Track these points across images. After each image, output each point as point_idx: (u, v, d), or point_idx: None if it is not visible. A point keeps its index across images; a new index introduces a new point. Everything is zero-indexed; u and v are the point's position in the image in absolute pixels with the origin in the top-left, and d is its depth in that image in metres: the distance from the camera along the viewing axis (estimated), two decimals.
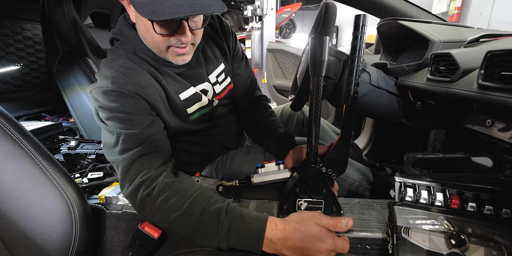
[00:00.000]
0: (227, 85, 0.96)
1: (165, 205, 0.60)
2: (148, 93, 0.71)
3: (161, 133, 0.72)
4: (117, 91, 0.67)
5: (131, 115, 0.67)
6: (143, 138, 0.67)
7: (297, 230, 0.56)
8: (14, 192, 0.51)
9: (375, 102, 0.90)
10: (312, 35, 0.65)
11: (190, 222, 0.59)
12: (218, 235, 0.58)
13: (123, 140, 0.65)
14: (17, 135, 0.54)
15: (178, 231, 0.61)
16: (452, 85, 0.62)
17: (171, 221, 0.60)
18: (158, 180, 0.63)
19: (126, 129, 0.66)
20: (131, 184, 0.63)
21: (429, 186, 0.59)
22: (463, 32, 0.84)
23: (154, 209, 0.61)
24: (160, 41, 0.68)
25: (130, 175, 0.63)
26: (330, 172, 0.68)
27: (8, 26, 1.28)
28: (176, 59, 0.74)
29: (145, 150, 0.66)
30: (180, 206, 0.60)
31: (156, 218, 0.62)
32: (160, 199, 0.61)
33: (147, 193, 0.61)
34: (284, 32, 8.95)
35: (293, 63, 2.30)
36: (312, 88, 0.59)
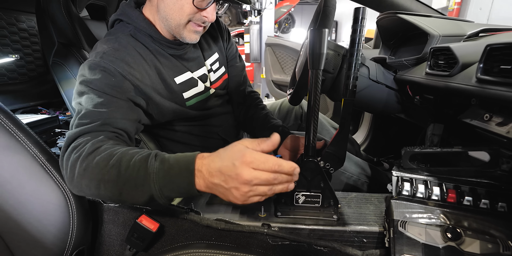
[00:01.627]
0: (222, 74, 0.98)
1: (93, 163, 0.52)
2: (134, 74, 0.71)
3: (124, 120, 0.66)
4: (103, 67, 0.67)
5: (103, 94, 0.65)
6: (100, 117, 0.62)
7: (219, 152, 0.50)
8: (10, 184, 0.50)
9: (373, 97, 0.90)
10: (311, 28, 0.64)
11: (119, 173, 0.51)
12: (148, 178, 0.50)
13: (81, 115, 0.62)
14: (13, 128, 0.54)
15: (107, 191, 0.52)
16: (451, 79, 0.62)
17: (99, 180, 0.51)
18: (90, 142, 0.56)
19: (91, 107, 0.63)
20: (65, 150, 0.56)
21: (426, 180, 0.60)
22: (462, 26, 0.83)
23: (81, 171, 0.52)
24: (187, 12, 0.71)
25: (67, 144, 0.57)
26: (328, 166, 0.68)
27: (2, 18, 1.25)
28: (190, 36, 0.76)
29: (95, 128, 0.60)
30: (109, 161, 0.52)
31: (84, 182, 0.53)
32: (89, 158, 0.53)
33: (78, 156, 0.54)
34: (283, 26, 8.88)
35: (292, 58, 2.29)
36: (310, 81, 0.59)
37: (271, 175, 0.48)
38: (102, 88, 0.66)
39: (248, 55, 4.89)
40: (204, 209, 0.68)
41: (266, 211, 0.67)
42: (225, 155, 0.48)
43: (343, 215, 0.65)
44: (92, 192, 0.53)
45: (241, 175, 0.46)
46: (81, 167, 0.52)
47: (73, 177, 0.53)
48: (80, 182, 0.53)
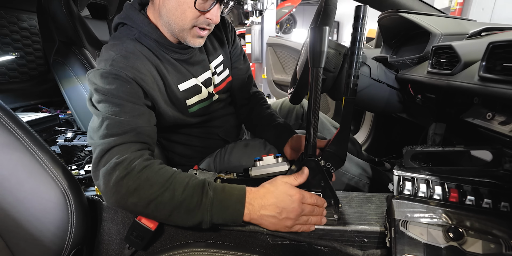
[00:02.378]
0: (226, 77, 0.96)
1: (146, 183, 0.56)
2: (145, 79, 0.70)
3: (149, 127, 0.69)
4: (115, 74, 0.66)
5: (123, 101, 0.65)
6: (128, 127, 0.63)
7: (269, 190, 0.60)
8: (9, 182, 0.50)
9: (375, 96, 0.89)
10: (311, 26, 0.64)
11: (173, 197, 0.56)
12: (202, 206, 0.56)
13: (107, 125, 0.62)
14: (12, 126, 0.54)
15: (156, 211, 0.56)
16: (453, 77, 0.62)
17: (151, 200, 0.55)
18: (138, 161, 0.58)
19: (114, 115, 0.63)
20: (105, 166, 0.57)
21: (428, 180, 0.59)
22: (465, 25, 0.82)
23: (132, 189, 0.55)
24: (190, 17, 0.70)
25: (106, 158, 0.59)
26: (328, 165, 0.67)
27: (3, 16, 1.26)
28: (194, 41, 0.75)
29: (127, 138, 0.62)
30: (163, 183, 0.57)
31: (132, 200, 0.55)
32: (140, 178, 0.56)
33: (126, 173, 0.56)
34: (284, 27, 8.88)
35: (293, 58, 2.28)
36: (311, 79, 0.58)
37: (312, 207, 0.60)
38: (120, 96, 0.65)
39: (249, 56, 4.90)
40: None
41: None
42: (278, 192, 0.59)
43: (344, 214, 0.64)
44: (138, 209, 0.57)
45: (296, 208, 0.58)
46: (132, 186, 0.55)
47: (119, 193, 0.55)
48: (127, 199, 0.55)
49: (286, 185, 0.60)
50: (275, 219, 0.58)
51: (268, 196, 0.59)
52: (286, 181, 0.60)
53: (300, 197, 0.59)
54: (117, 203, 0.57)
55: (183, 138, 0.94)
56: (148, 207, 0.56)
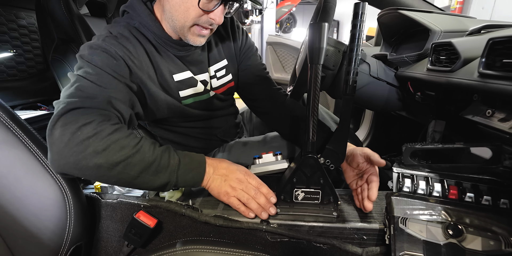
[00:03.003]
0: (227, 82, 0.93)
1: (116, 145, 0.54)
2: (134, 61, 0.70)
3: (123, 104, 0.64)
4: (104, 48, 0.66)
5: (103, 72, 0.63)
6: (101, 94, 0.59)
7: (225, 160, 0.68)
8: (7, 179, 0.50)
9: (374, 94, 0.89)
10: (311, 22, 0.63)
11: (143, 158, 0.56)
12: (170, 167, 0.59)
13: (78, 85, 0.58)
14: (10, 123, 0.53)
15: (123, 173, 0.54)
16: (452, 74, 0.61)
17: (120, 161, 0.53)
18: (107, 124, 0.55)
19: (89, 79, 0.60)
20: (67, 125, 0.52)
21: (427, 177, 0.59)
22: (464, 22, 0.82)
23: (99, 150, 0.52)
24: (192, 15, 0.69)
25: (69, 116, 0.53)
26: (328, 162, 0.67)
27: (2, 14, 1.25)
28: (194, 39, 0.74)
29: (97, 104, 0.57)
30: (134, 146, 0.56)
31: (97, 161, 0.52)
32: (111, 139, 0.53)
33: (94, 133, 0.52)
34: (284, 26, 8.87)
35: (293, 56, 2.28)
36: (310, 76, 0.58)
37: (254, 190, 0.63)
38: (103, 67, 0.63)
39: None
40: (202, 205, 0.67)
41: None
42: (230, 164, 0.67)
43: (343, 212, 0.64)
44: (101, 172, 0.53)
45: (239, 179, 0.64)
46: (101, 146, 0.52)
47: (81, 153, 0.51)
48: (90, 160, 0.51)
49: (240, 167, 0.67)
50: (220, 182, 0.64)
51: (223, 163, 0.66)
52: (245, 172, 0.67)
53: (247, 173, 0.66)
54: (75, 165, 0.51)
55: (180, 138, 0.94)
56: (114, 169, 0.53)
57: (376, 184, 0.64)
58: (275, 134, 0.99)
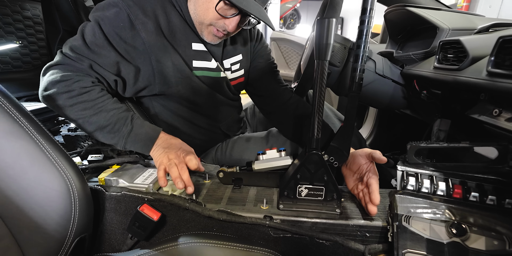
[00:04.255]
0: (239, 76, 0.95)
1: (80, 105, 0.70)
2: (147, 25, 0.74)
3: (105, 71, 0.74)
4: (119, 8, 0.72)
5: (104, 38, 0.72)
6: (91, 59, 0.72)
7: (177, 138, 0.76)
8: (13, 170, 0.50)
9: (379, 91, 0.89)
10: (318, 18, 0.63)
11: (99, 120, 0.70)
12: (120, 133, 0.72)
13: (76, 45, 0.71)
14: (16, 113, 0.53)
15: (83, 126, 0.72)
16: (460, 73, 0.61)
17: (78, 118, 0.70)
18: (79, 84, 0.70)
19: (87, 42, 0.71)
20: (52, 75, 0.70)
21: (432, 175, 0.59)
22: (473, 20, 0.81)
23: (67, 105, 0.69)
24: (210, 16, 0.74)
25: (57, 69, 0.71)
26: (332, 159, 0.67)
27: (7, 5, 1.25)
28: (208, 37, 0.80)
29: (81, 66, 0.72)
30: (94, 109, 0.70)
31: (64, 112, 0.70)
32: (78, 99, 0.69)
33: (66, 90, 0.69)
34: (288, 22, 8.81)
35: (297, 53, 2.27)
36: (316, 73, 0.57)
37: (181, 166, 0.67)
38: (107, 31, 0.72)
39: None
40: (206, 199, 0.67)
41: (268, 203, 0.66)
42: (180, 141, 0.76)
43: (346, 209, 0.64)
44: (66, 117, 0.73)
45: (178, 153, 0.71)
46: (68, 102, 0.69)
47: (55, 100, 0.69)
48: (59, 108, 0.70)
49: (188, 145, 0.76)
50: (161, 152, 0.71)
51: (170, 142, 0.74)
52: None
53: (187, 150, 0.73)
54: (49, 104, 0.71)
55: (185, 126, 0.93)
56: (76, 122, 0.71)
57: (376, 186, 0.62)
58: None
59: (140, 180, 0.71)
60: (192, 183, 0.66)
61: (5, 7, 1.24)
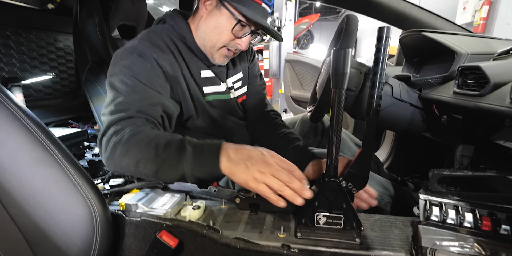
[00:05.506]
0: (242, 94, 1.01)
1: (135, 146, 0.63)
2: (166, 59, 0.77)
3: (154, 110, 0.73)
4: (140, 51, 0.74)
5: (137, 81, 0.72)
6: (133, 106, 0.70)
7: (245, 146, 0.63)
8: (41, 196, 0.53)
9: (397, 115, 0.88)
10: (333, 47, 0.64)
11: (157, 154, 0.62)
12: (182, 160, 0.62)
13: (117, 103, 0.70)
14: (47, 142, 0.57)
15: (145, 169, 0.63)
16: (482, 99, 0.60)
17: (139, 160, 0.62)
18: (130, 128, 0.67)
19: (125, 93, 0.71)
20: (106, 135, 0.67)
21: (457, 205, 0.56)
22: (491, 44, 0.81)
23: (124, 151, 0.63)
24: (224, 39, 0.79)
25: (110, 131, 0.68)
26: (350, 186, 0.66)
27: (43, 38, 1.37)
28: (220, 59, 0.84)
29: (129, 114, 0.70)
30: (148, 144, 0.63)
31: (125, 161, 0.63)
32: (131, 141, 0.64)
33: (119, 139, 0.65)
34: (302, 42, 9.00)
35: (311, 74, 2.30)
36: (333, 100, 0.58)
37: (286, 175, 0.58)
38: (138, 74, 0.73)
39: (267, 71, 4.97)
40: (223, 226, 0.67)
41: (285, 231, 0.65)
42: (252, 148, 0.62)
43: (366, 238, 0.62)
44: (131, 169, 0.65)
45: (267, 161, 0.58)
46: (124, 148, 0.63)
47: (114, 156, 0.64)
48: (121, 161, 0.64)
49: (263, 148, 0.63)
50: (244, 168, 0.59)
51: (243, 149, 0.62)
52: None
53: (273, 155, 0.61)
54: (113, 166, 0.67)
55: None
56: (138, 166, 0.63)
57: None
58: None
59: (159, 204, 0.72)
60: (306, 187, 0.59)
61: (41, 40, 1.36)
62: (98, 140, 0.70)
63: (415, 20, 1.24)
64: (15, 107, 0.54)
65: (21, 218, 0.52)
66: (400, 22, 1.26)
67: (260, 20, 0.76)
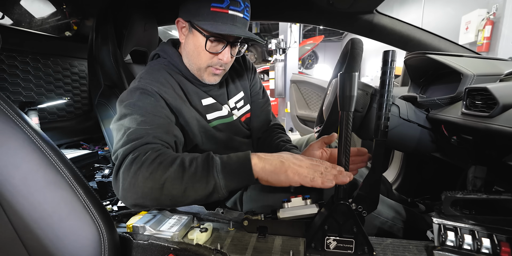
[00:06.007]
0: (246, 112, 1.02)
1: (158, 166, 0.59)
2: (168, 92, 0.78)
3: (167, 136, 0.72)
4: (141, 88, 0.75)
5: (145, 113, 0.72)
6: (148, 134, 0.67)
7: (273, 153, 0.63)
8: (52, 219, 0.53)
9: (405, 135, 0.87)
10: (339, 70, 0.66)
11: (184, 170, 0.58)
12: (211, 171, 0.58)
13: (128, 133, 0.67)
14: (59, 164, 0.58)
15: (172, 189, 0.58)
16: (491, 120, 0.59)
17: (165, 179, 0.58)
18: (150, 152, 0.62)
19: (136, 125, 0.69)
20: (122, 165, 0.61)
21: (473, 230, 0.54)
22: (497, 65, 0.82)
23: (147, 175, 0.58)
24: (204, 59, 0.80)
25: (127, 162, 0.61)
26: (360, 209, 0.65)
27: (59, 63, 1.44)
28: (209, 78, 0.85)
29: (144, 141, 0.66)
30: (172, 162, 0.59)
31: (148, 185, 0.58)
32: (153, 164, 0.59)
33: (141, 164, 0.59)
34: (306, 63, 9.19)
35: (317, 94, 2.33)
36: (341, 123, 0.59)
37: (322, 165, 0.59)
38: (144, 108, 0.73)
39: (273, 91, 5.06)
40: (230, 249, 0.66)
41: (294, 255, 0.63)
42: (279, 153, 0.63)
43: None
44: (155, 194, 0.58)
45: (297, 157, 0.61)
46: (147, 172, 0.58)
47: (135, 183, 0.58)
48: (144, 186, 0.58)
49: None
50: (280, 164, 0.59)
51: (274, 155, 0.62)
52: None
53: (304, 156, 0.62)
54: (136, 195, 0.58)
55: None
56: (164, 188, 0.58)
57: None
58: None
59: (166, 227, 0.71)
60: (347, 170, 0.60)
61: (57, 65, 1.42)
62: (114, 175, 0.63)
63: (419, 42, 1.26)
64: (31, 131, 0.56)
65: (31, 241, 0.52)
66: (404, 44, 1.29)
67: (227, 31, 0.73)
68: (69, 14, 1.64)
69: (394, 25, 1.27)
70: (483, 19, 3.76)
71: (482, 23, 3.77)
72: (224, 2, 0.73)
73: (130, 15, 1.14)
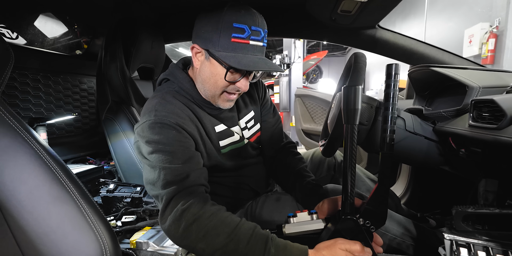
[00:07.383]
0: (256, 131, 1.00)
1: (213, 231, 0.61)
2: (186, 123, 0.77)
3: (200, 169, 0.75)
4: (160, 123, 0.73)
5: (173, 148, 0.71)
6: (184, 173, 0.69)
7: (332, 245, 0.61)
8: (55, 235, 0.52)
9: (412, 148, 0.86)
10: (343, 84, 0.66)
11: (237, 249, 0.60)
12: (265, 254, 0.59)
13: (165, 174, 0.68)
14: (65, 179, 0.58)
15: None
16: (500, 132, 0.58)
17: (217, 249, 0.60)
18: (205, 208, 0.64)
19: (168, 163, 0.69)
20: (172, 213, 0.64)
21: (487, 246, 0.52)
22: (503, 77, 0.81)
23: (200, 236, 0.61)
24: (221, 86, 0.78)
25: (171, 205, 0.65)
26: (368, 224, 0.63)
27: (69, 80, 1.48)
28: (224, 104, 0.83)
29: (186, 184, 0.68)
30: (229, 234, 0.61)
31: (200, 246, 0.61)
32: (208, 226, 0.62)
33: (194, 220, 0.62)
34: (311, 77, 9.28)
35: (322, 108, 2.33)
36: (346, 136, 0.59)
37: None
38: (170, 143, 0.71)
39: (277, 105, 5.10)
40: None
41: None
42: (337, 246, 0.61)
43: None
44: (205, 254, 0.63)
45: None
46: (200, 233, 0.62)
47: (188, 238, 0.63)
48: (195, 245, 0.62)
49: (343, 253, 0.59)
50: None
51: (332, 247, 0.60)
52: (346, 249, 0.60)
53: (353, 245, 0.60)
54: (187, 247, 0.64)
55: (214, 188, 0.94)
56: (215, 254, 0.61)
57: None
58: None
59: (170, 242, 0.70)
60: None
61: (67, 82, 1.47)
62: (160, 216, 0.67)
63: (422, 55, 1.27)
64: (38, 146, 0.57)
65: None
66: (407, 58, 1.29)
67: (251, 67, 0.71)
68: (80, 34, 1.71)
69: (396, 39, 1.28)
70: (486, 32, 3.78)
71: (485, 36, 3.80)
72: (245, 33, 0.71)
73: (138, 34, 1.18)
